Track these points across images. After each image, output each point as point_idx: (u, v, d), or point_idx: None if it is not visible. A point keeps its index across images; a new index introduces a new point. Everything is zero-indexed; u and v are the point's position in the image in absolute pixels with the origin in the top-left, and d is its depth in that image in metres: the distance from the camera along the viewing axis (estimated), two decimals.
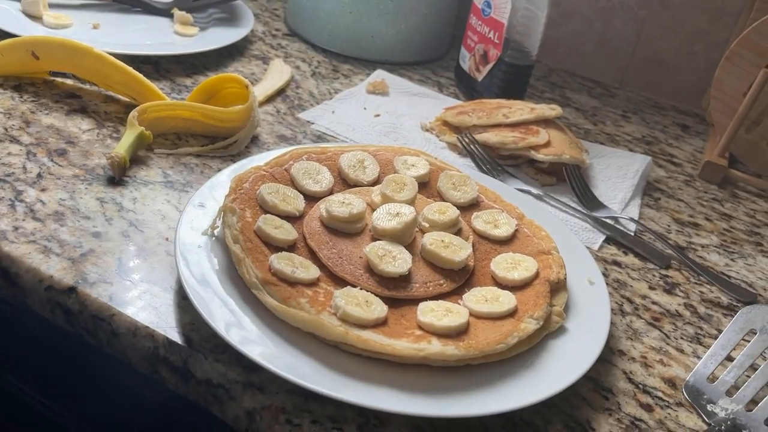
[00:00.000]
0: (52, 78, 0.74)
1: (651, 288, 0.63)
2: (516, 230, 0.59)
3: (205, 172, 0.65)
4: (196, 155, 0.68)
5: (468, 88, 0.93)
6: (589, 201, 0.73)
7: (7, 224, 0.53)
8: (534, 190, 0.72)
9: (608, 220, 0.70)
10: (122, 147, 0.62)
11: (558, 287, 0.54)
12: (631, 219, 0.71)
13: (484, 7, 0.87)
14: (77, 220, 0.55)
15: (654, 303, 0.61)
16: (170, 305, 0.50)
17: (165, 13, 0.94)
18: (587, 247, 0.66)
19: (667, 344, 0.57)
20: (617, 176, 0.79)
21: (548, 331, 0.50)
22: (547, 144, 0.76)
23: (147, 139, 0.65)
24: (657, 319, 0.59)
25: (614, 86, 1.07)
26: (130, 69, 0.71)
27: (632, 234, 0.70)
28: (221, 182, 0.59)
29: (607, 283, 0.62)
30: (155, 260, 0.53)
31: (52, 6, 0.87)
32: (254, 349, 0.44)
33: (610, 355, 0.54)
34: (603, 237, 0.68)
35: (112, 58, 0.71)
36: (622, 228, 0.70)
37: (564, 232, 0.62)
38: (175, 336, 0.47)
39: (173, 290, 0.51)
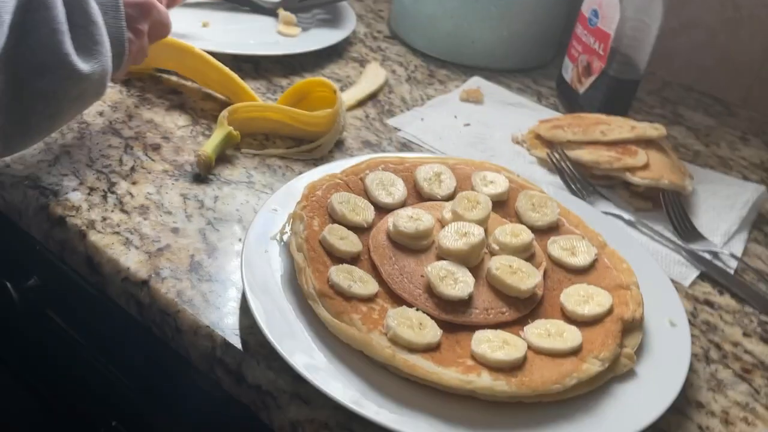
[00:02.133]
0: (158, 74, 0.78)
1: (745, 335, 0.57)
2: (595, 260, 0.55)
3: (286, 175, 0.66)
4: (281, 157, 0.69)
5: (569, 100, 0.89)
6: (686, 231, 0.67)
7: (97, 214, 0.57)
8: (626, 215, 0.68)
9: (705, 255, 0.64)
10: (210, 146, 0.65)
11: (632, 327, 0.50)
12: (733, 255, 0.65)
13: (591, 16, 0.83)
14: (160, 214, 0.58)
15: (747, 352, 0.56)
16: (233, 306, 0.51)
17: (271, 12, 0.96)
18: (677, 283, 0.61)
19: (756, 401, 0.51)
20: (723, 206, 0.72)
21: (614, 374, 0.47)
22: (645, 166, 0.70)
23: (235, 138, 0.67)
24: (747, 371, 0.54)
25: (736, 104, 0.98)
26: (227, 69, 0.73)
27: (732, 272, 0.63)
28: (298, 188, 0.59)
29: (694, 325, 0.57)
30: (225, 260, 0.55)
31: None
32: (302, 360, 0.44)
33: (685, 406, 0.49)
34: (697, 273, 0.63)
35: (211, 58, 0.74)
36: (720, 264, 0.64)
37: (650, 265, 0.58)
38: (233, 338, 0.48)
39: (238, 292, 0.52)
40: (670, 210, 0.69)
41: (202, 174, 0.64)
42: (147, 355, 0.61)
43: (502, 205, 0.60)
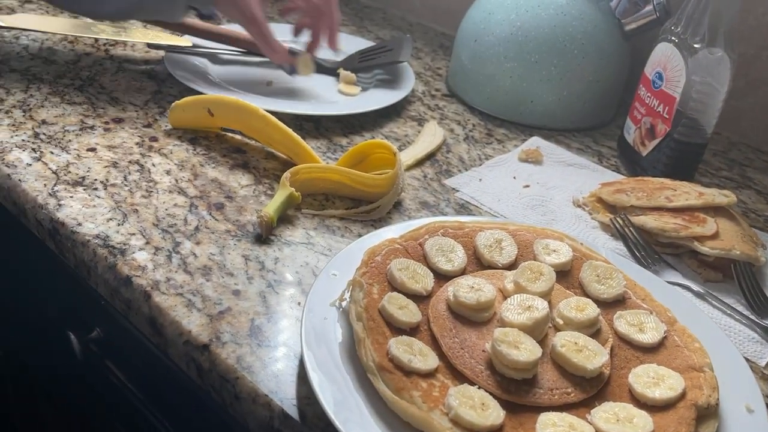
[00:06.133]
0: (224, 133, 0.81)
1: None
2: (664, 337, 0.53)
3: (345, 236, 0.67)
4: (340, 218, 0.69)
5: (630, 162, 0.87)
6: (760, 306, 0.64)
7: (162, 275, 0.58)
8: (694, 286, 0.65)
9: None
10: (272, 207, 0.66)
11: (707, 413, 0.47)
12: None
13: (655, 78, 0.81)
14: (222, 276, 0.59)
15: None
16: (292, 374, 0.51)
17: (332, 72, 0.98)
18: (752, 362, 0.58)
19: None
20: None
21: None
22: (715, 235, 0.68)
23: (296, 200, 0.68)
24: None
25: None
26: (289, 130, 0.75)
27: None
28: (357, 252, 0.59)
29: None
30: (285, 324, 0.55)
31: None
32: None
33: None
34: None
35: (274, 119, 0.75)
36: None
37: (722, 343, 0.55)
38: (291, 409, 0.48)
39: (297, 358, 0.52)
40: (742, 282, 0.66)
41: (264, 235, 0.64)
42: (204, 418, 0.61)
43: (565, 275, 0.59)
